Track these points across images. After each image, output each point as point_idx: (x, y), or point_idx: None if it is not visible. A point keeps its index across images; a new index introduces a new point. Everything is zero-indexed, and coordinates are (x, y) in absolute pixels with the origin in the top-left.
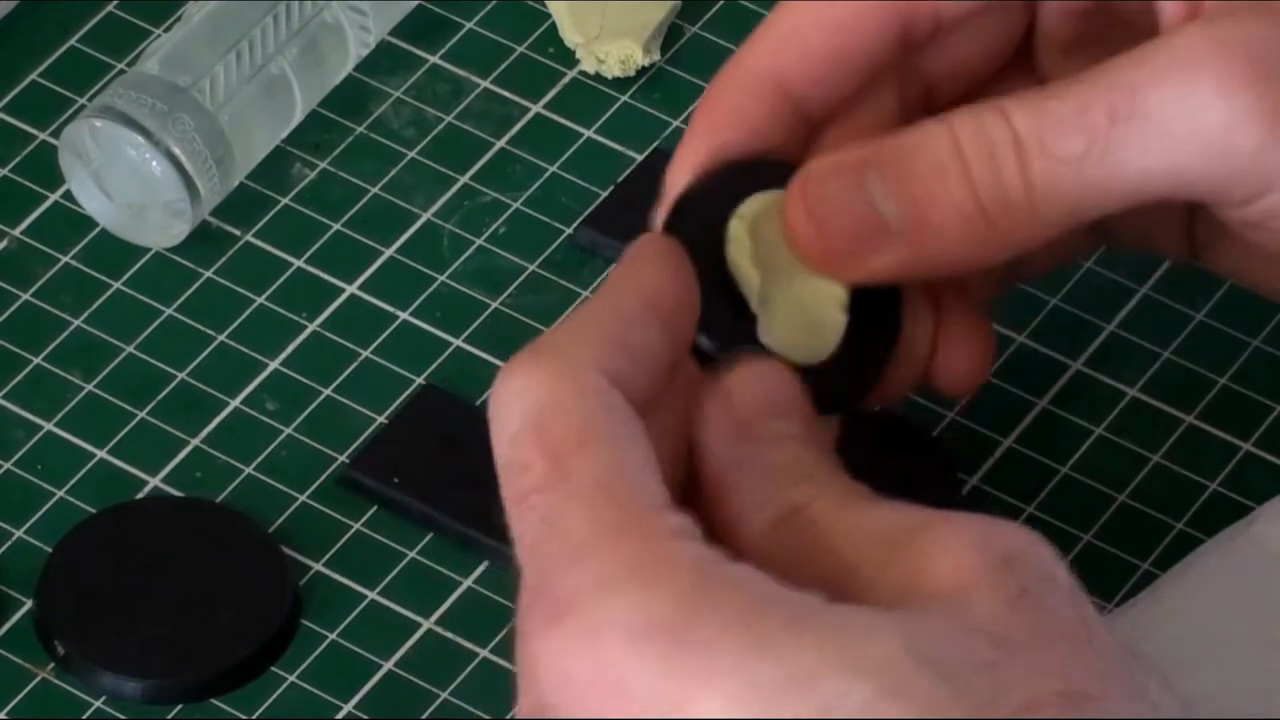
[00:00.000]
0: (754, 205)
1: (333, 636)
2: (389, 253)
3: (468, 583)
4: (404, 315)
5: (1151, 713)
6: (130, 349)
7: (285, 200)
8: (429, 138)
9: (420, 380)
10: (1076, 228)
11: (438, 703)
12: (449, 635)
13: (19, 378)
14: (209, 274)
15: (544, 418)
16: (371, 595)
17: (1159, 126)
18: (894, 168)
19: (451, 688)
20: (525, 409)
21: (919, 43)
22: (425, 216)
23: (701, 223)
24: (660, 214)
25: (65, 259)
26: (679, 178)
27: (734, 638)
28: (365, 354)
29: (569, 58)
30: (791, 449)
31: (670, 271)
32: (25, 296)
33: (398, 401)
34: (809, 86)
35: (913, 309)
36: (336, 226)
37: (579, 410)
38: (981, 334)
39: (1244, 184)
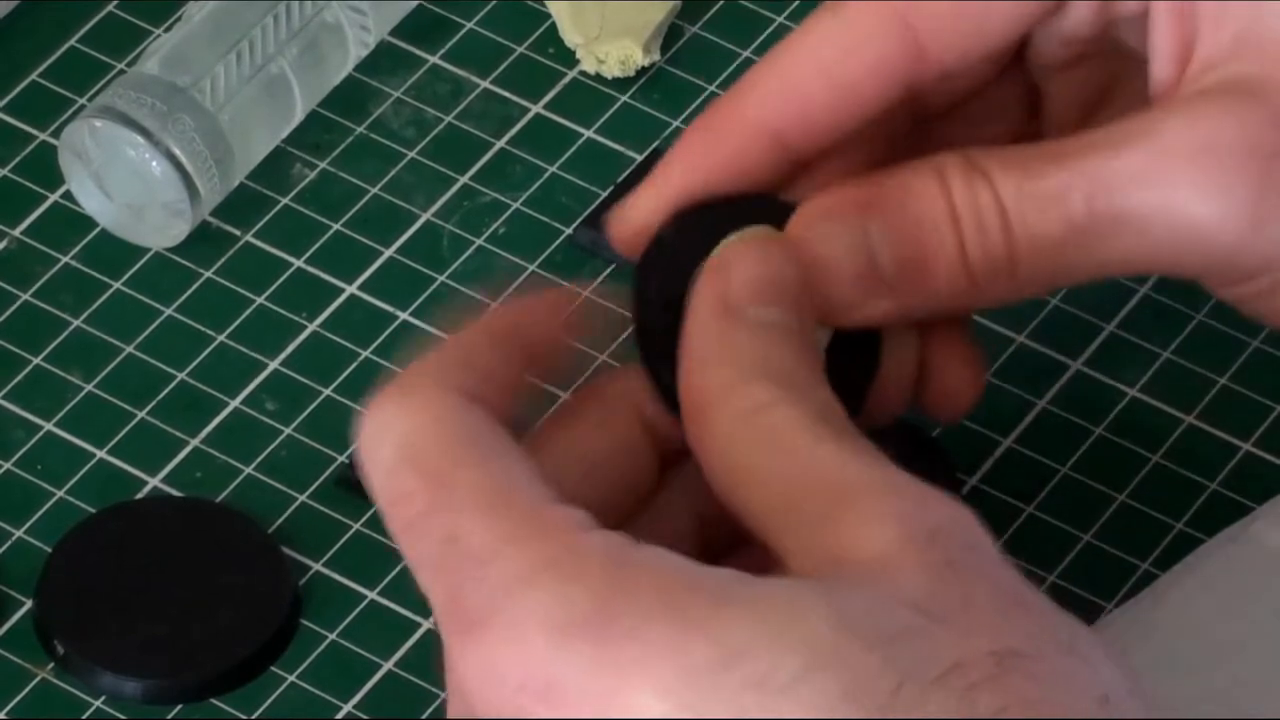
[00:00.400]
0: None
1: (333, 636)
2: (389, 253)
3: None
4: (404, 315)
5: (1082, 666)
6: (130, 349)
7: (285, 200)
8: (429, 138)
9: None
10: (1058, 287)
11: (438, 703)
12: None
13: (19, 378)
14: (209, 274)
15: (415, 444)
16: (371, 595)
17: (1136, 224)
18: (893, 219)
19: None
20: (396, 441)
21: (922, 89)
22: (425, 216)
23: (675, 264)
24: (617, 231)
25: (65, 259)
26: (646, 204)
27: (659, 622)
28: (365, 354)
29: (569, 58)
30: (773, 340)
31: (525, 306)
32: (25, 296)
33: None
34: (805, 139)
35: (896, 334)
36: (336, 226)
37: (447, 431)
38: (970, 356)
39: (1222, 274)
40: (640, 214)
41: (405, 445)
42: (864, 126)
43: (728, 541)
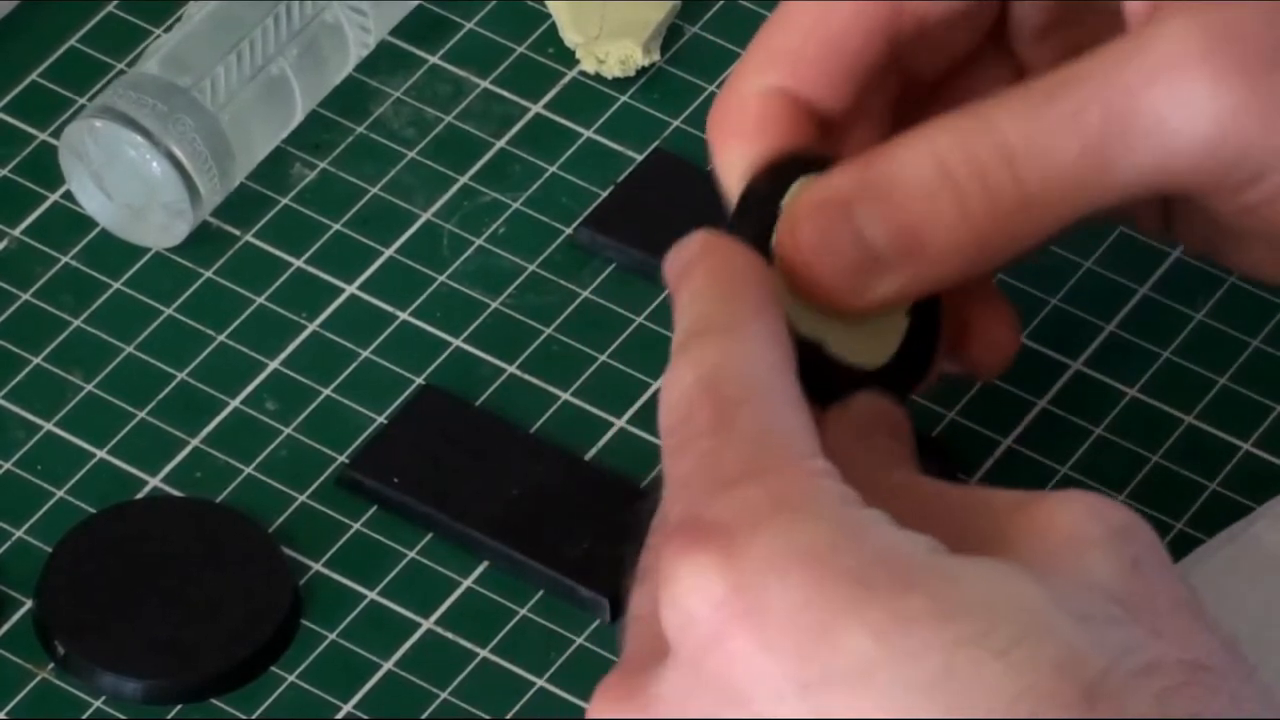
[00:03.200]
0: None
1: (333, 636)
2: (389, 253)
3: (468, 583)
4: (404, 315)
5: (1262, 696)
6: (130, 349)
7: (285, 200)
8: (429, 138)
9: (420, 380)
10: (1071, 226)
11: (438, 703)
12: (449, 635)
13: (19, 378)
14: (209, 274)
15: (717, 375)
16: (371, 595)
17: (1154, 123)
18: (881, 198)
19: (451, 688)
20: (699, 370)
21: (904, 44)
22: (425, 216)
23: (759, 222)
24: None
25: (65, 259)
26: (732, 183)
27: (880, 570)
28: (365, 354)
29: (569, 58)
30: (895, 458)
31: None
32: (25, 296)
33: (398, 401)
34: (813, 94)
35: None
36: (336, 226)
37: (748, 372)
38: (1005, 313)
39: (1237, 174)
40: (730, 181)
41: (709, 374)
42: (863, 85)
43: None
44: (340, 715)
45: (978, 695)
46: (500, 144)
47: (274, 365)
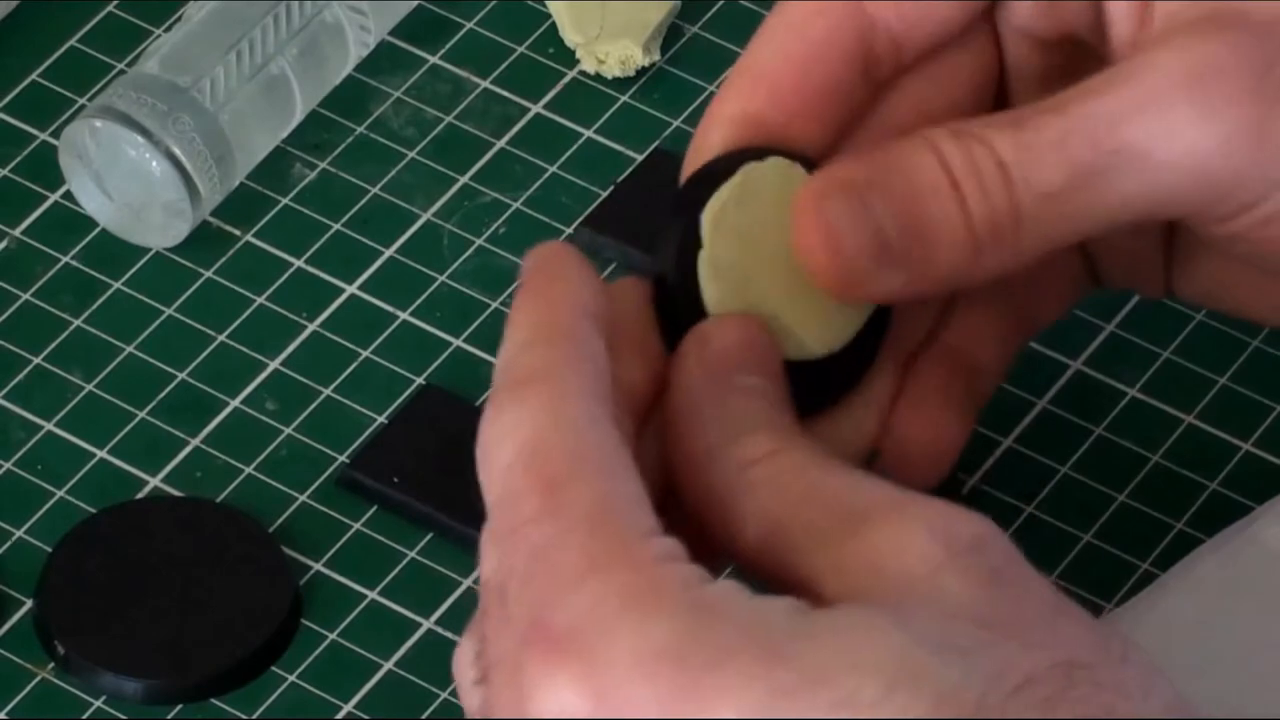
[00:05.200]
0: (748, 183)
1: (333, 636)
2: (389, 253)
3: (468, 583)
4: (404, 315)
5: (1142, 674)
6: (130, 349)
7: (285, 200)
8: (429, 138)
9: (420, 380)
10: (1058, 251)
11: (438, 703)
12: (449, 635)
13: (19, 378)
14: (209, 274)
15: (538, 450)
16: (371, 595)
17: (1140, 157)
18: (894, 191)
19: (451, 688)
20: (519, 442)
21: (885, 72)
22: (425, 216)
23: (696, 202)
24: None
25: (65, 259)
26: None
27: (742, 654)
28: (365, 354)
29: (569, 58)
30: (761, 403)
31: (630, 299)
32: (25, 296)
33: (398, 401)
34: (789, 126)
35: (879, 367)
36: (336, 226)
37: (572, 442)
38: (948, 421)
39: (1226, 203)
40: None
41: (529, 449)
42: (844, 115)
43: None
44: (340, 715)
45: None
46: (500, 144)
47: (274, 365)
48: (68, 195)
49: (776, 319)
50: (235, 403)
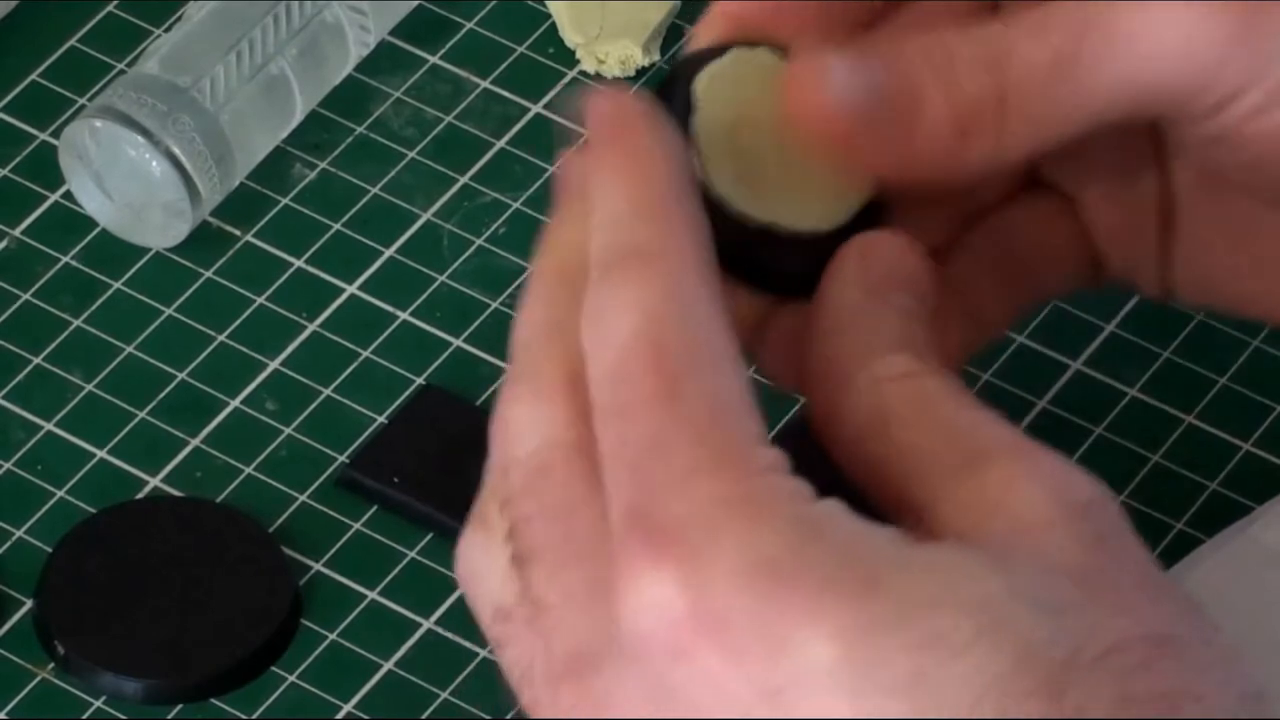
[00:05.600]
0: (732, 65)
1: (333, 636)
2: (389, 253)
3: None
4: (404, 315)
5: (1227, 659)
6: (130, 349)
7: (285, 200)
8: (429, 138)
9: (420, 380)
10: (1041, 149)
11: (438, 703)
12: (449, 635)
13: (19, 378)
14: (209, 274)
15: (659, 335)
16: (371, 595)
17: (1124, 40)
18: (886, 58)
19: (451, 688)
20: (638, 321)
21: None
22: (425, 216)
23: (681, 91)
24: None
25: (65, 259)
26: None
27: (839, 576)
28: (365, 354)
29: (569, 58)
30: (913, 323)
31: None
32: (25, 296)
33: (398, 401)
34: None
35: None
36: (336, 226)
37: (692, 331)
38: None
39: (1211, 90)
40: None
41: (647, 330)
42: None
43: None
44: (340, 715)
45: (946, 695)
46: (500, 144)
47: (274, 365)
48: (68, 195)
49: (768, 188)
50: (235, 403)
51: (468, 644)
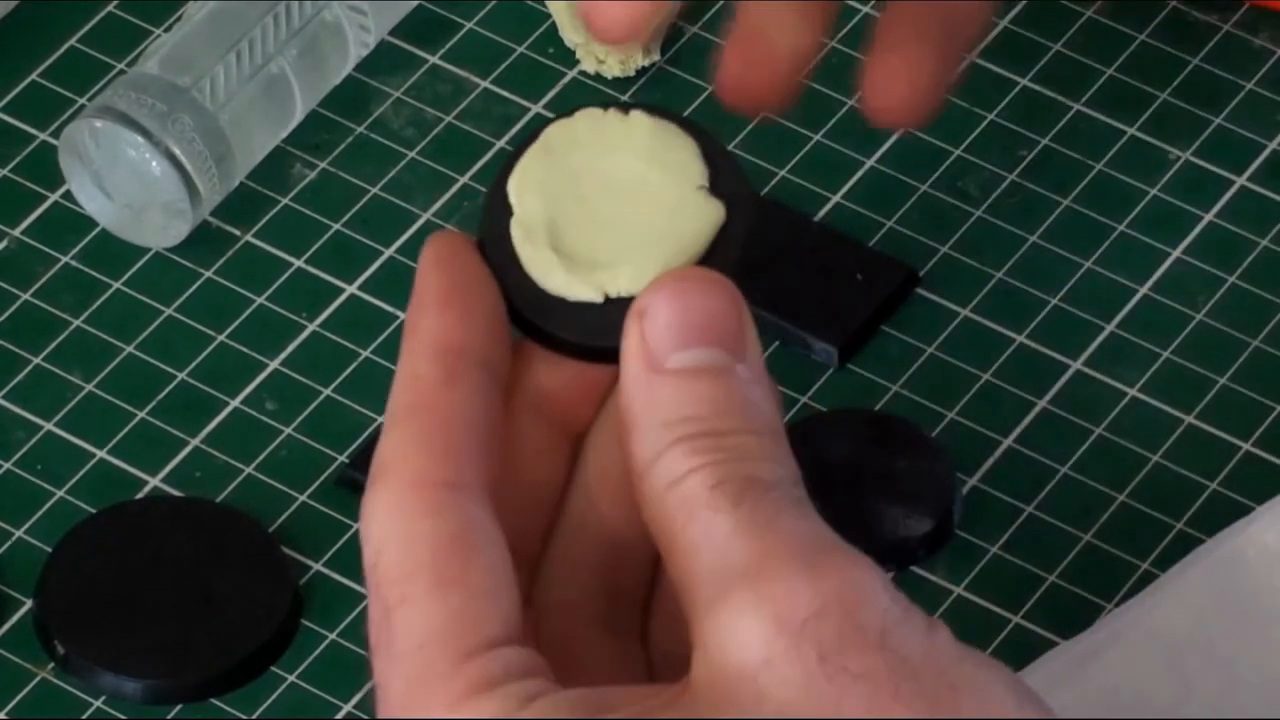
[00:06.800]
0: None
1: (333, 636)
2: (389, 253)
3: None
4: (404, 315)
5: None
6: (130, 349)
7: (285, 200)
8: (429, 138)
9: None
10: None
11: None
12: None
13: (19, 378)
14: (209, 274)
15: (380, 560)
16: None
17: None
18: None
19: None
20: (372, 543)
21: None
22: (425, 216)
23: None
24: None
25: (65, 259)
26: None
27: None
28: (365, 354)
29: (569, 58)
30: (696, 388)
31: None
32: (25, 296)
33: None
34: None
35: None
36: (336, 226)
37: (405, 555)
38: (925, 56)
39: None
40: None
41: (373, 557)
42: None
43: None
44: (340, 715)
45: None
46: (500, 144)
47: (274, 365)
48: (68, 195)
49: (595, 262)
50: (235, 403)
51: None
